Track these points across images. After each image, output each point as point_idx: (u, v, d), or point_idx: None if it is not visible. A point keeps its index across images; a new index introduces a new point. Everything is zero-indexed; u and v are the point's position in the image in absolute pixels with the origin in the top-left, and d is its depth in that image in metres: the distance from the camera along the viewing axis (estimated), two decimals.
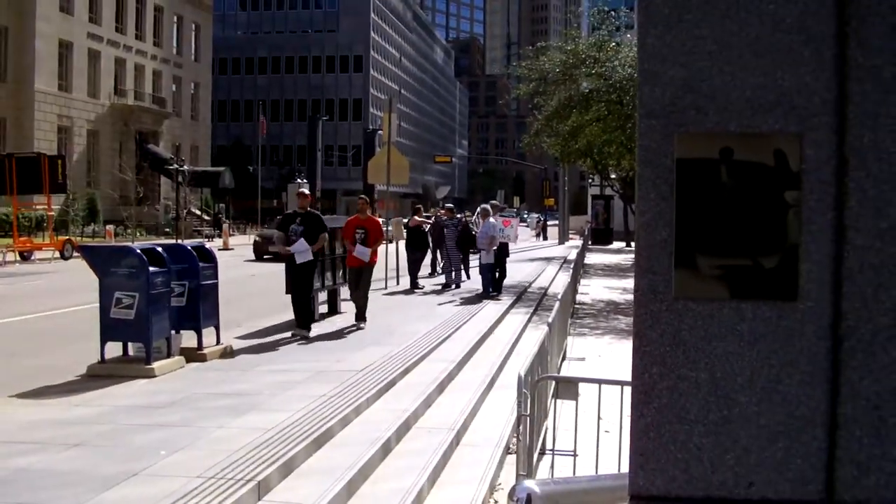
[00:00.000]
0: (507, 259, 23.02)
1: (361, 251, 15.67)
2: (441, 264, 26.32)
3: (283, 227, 14.75)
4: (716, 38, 1.92)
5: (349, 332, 14.77)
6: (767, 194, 1.92)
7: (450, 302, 19.98)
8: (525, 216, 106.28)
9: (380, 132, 40.74)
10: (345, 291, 18.38)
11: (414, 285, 23.15)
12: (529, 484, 2.81)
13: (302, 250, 14.12)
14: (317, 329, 15.00)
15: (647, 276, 1.97)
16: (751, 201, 1.93)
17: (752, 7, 1.90)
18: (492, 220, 21.68)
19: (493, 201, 24.40)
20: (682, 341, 1.96)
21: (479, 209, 23.67)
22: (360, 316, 15.61)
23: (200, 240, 43.61)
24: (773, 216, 1.92)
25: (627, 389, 2.15)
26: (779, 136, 1.91)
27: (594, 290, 26.01)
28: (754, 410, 1.95)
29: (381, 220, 18.64)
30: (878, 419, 1.91)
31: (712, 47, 1.93)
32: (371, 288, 21.97)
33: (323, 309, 16.93)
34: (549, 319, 9.64)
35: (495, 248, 21.18)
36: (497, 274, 21.82)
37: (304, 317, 14.31)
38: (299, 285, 14.40)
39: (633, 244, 2.68)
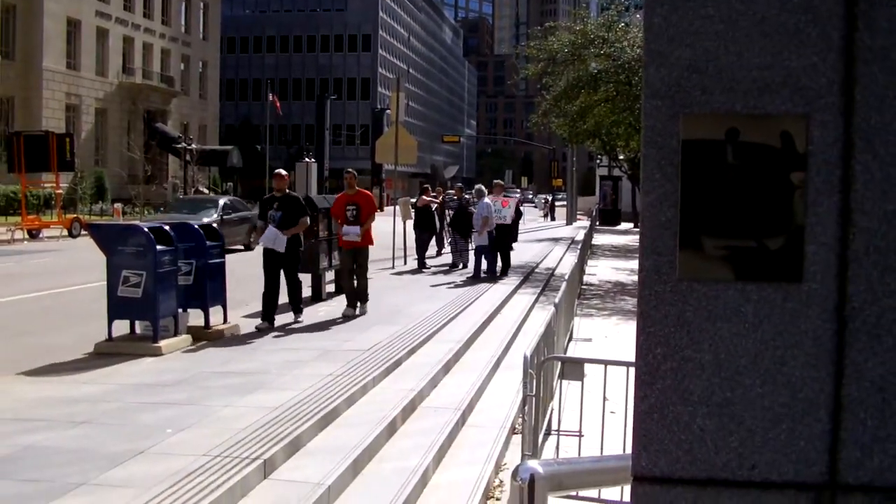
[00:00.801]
0: (512, 242, 22.56)
1: (350, 232, 14.40)
2: (448, 243, 26.25)
3: (262, 214, 13.61)
4: (722, 18, 1.91)
5: (353, 315, 14.34)
6: (773, 176, 1.92)
7: (457, 282, 19.97)
8: (530, 196, 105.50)
9: (388, 111, 40.67)
10: None
11: (421, 265, 23.17)
12: (533, 464, 2.82)
13: (271, 238, 12.94)
14: (324, 309, 15.04)
15: (651, 256, 1.97)
16: (756, 182, 1.92)
17: None
18: (487, 200, 21.22)
19: (498, 180, 23.94)
20: (687, 322, 1.95)
21: (474, 189, 23.19)
22: (362, 298, 14.60)
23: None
24: (778, 197, 1.91)
25: (633, 370, 2.15)
26: (785, 118, 1.90)
27: (602, 270, 26.00)
28: (758, 392, 1.94)
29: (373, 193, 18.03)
30: (883, 401, 1.91)
31: (719, 27, 1.91)
32: (379, 268, 22.06)
33: (330, 288, 16.94)
34: (556, 300, 9.64)
35: (490, 229, 20.73)
36: (499, 258, 21.57)
37: (269, 308, 13.15)
38: (290, 271, 13.41)
39: None
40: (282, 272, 13.29)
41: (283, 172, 13.88)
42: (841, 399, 1.92)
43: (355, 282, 14.65)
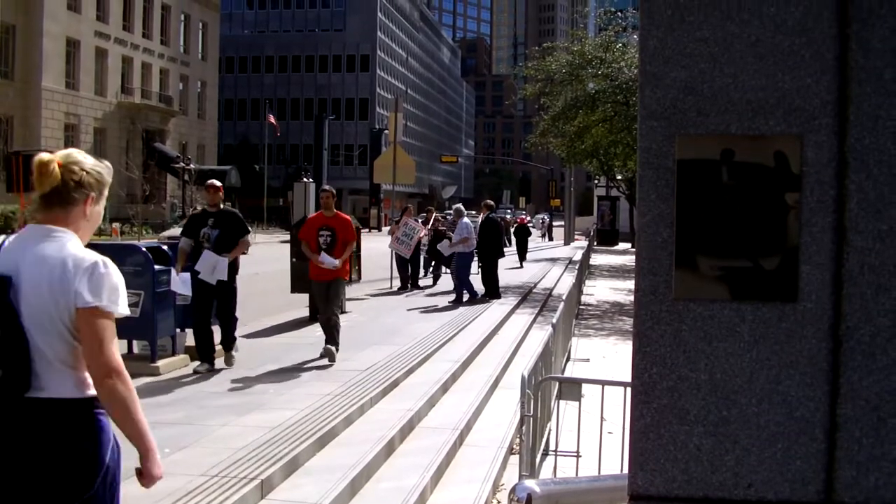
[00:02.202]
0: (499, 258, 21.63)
1: (328, 261, 11.97)
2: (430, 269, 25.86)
3: (190, 232, 11.27)
4: (717, 40, 1.93)
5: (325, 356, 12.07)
6: (768, 196, 1.93)
7: (455, 302, 19.93)
8: (523, 216, 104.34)
9: (386, 131, 40.71)
10: (349, 291, 18.35)
11: (413, 285, 23.11)
12: (530, 483, 2.82)
13: (210, 267, 10.92)
14: (321, 329, 15.00)
15: (647, 276, 1.98)
16: (751, 203, 1.94)
17: (754, 9, 1.91)
18: (465, 220, 20.82)
19: (488, 201, 23.34)
20: (683, 342, 1.96)
21: (453, 208, 22.62)
22: (331, 340, 12.02)
23: None
24: (773, 217, 1.93)
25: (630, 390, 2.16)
26: (780, 138, 1.92)
27: (599, 290, 26.00)
28: (754, 411, 1.95)
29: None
30: (878, 420, 1.91)
31: (714, 49, 1.93)
32: (376, 287, 22.04)
33: None
34: (554, 320, 9.63)
35: (469, 249, 20.28)
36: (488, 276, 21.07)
37: (205, 348, 11.11)
38: (226, 303, 11.30)
39: None
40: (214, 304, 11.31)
41: (217, 184, 11.67)
42: (836, 418, 1.93)
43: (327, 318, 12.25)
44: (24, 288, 3.14)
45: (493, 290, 20.81)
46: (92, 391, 3.26)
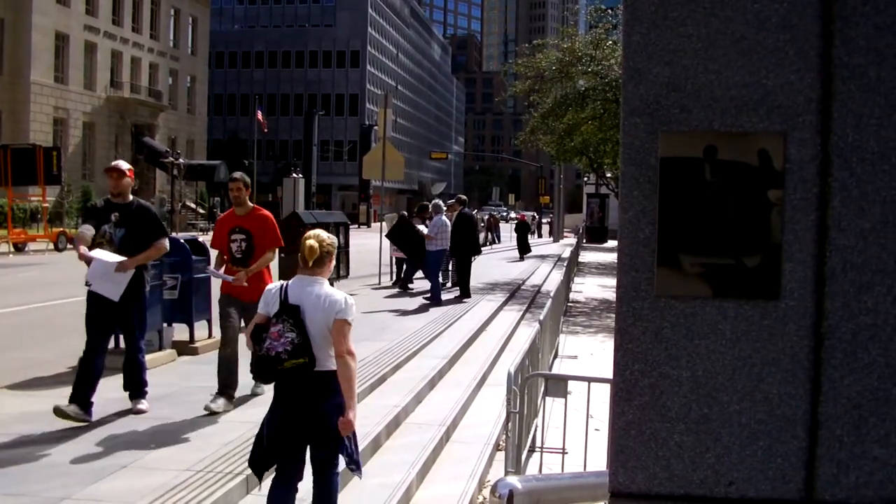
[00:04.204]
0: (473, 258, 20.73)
1: (214, 274, 9.56)
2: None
3: (90, 221, 8.69)
4: (701, 37, 1.93)
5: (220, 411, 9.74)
6: (751, 193, 1.93)
7: (444, 299, 19.90)
8: (505, 213, 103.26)
9: (375, 127, 40.60)
10: (338, 286, 18.29)
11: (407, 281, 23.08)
12: (511, 480, 2.82)
13: (99, 272, 8.21)
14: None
15: (629, 273, 1.97)
16: (734, 200, 1.93)
17: (738, 5, 1.91)
18: (443, 217, 19.97)
19: (460, 195, 22.47)
20: (664, 339, 1.96)
21: (431, 204, 21.85)
22: (230, 384, 9.11)
23: (194, 233, 43.56)
24: (756, 215, 1.92)
25: None
26: (763, 136, 1.91)
27: (588, 288, 26.03)
28: (735, 409, 1.95)
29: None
30: (859, 418, 1.91)
31: (697, 46, 1.93)
32: (365, 284, 22.00)
33: None
34: (541, 317, 9.64)
35: (440, 248, 19.42)
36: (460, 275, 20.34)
37: (83, 386, 8.25)
38: (129, 330, 8.73)
39: None
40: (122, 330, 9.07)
41: (124, 167, 8.72)
42: (818, 416, 1.93)
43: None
44: (308, 312, 5.32)
45: (464, 289, 20.08)
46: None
